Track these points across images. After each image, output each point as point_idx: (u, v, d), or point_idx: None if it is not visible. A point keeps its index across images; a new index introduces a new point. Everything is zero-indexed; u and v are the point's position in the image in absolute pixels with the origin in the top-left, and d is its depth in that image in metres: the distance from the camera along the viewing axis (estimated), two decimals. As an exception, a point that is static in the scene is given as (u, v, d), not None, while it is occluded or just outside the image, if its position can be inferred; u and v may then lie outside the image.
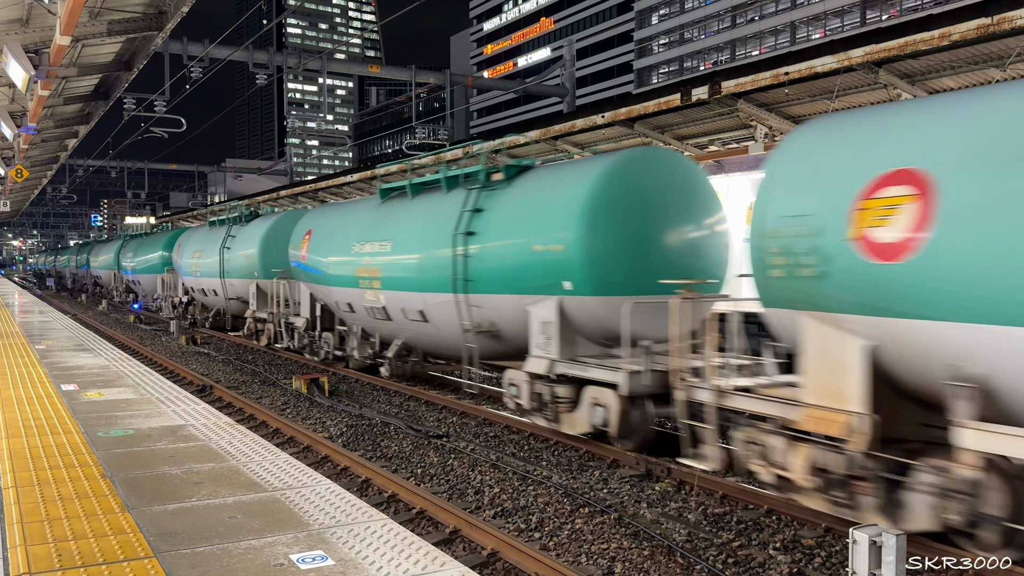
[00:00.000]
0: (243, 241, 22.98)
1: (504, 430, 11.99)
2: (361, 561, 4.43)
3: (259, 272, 21.76)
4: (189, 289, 27.98)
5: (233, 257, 23.23)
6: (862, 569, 5.34)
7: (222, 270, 23.87)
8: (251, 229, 22.95)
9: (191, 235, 28.72)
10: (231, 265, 23.30)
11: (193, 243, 27.28)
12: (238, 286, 23.30)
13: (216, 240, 24.84)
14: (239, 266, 22.93)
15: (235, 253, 23.20)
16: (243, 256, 22.75)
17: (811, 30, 74.09)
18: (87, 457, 6.72)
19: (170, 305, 31.41)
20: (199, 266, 25.92)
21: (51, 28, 14.68)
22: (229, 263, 23.57)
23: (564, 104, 36.89)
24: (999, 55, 10.88)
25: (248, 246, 22.47)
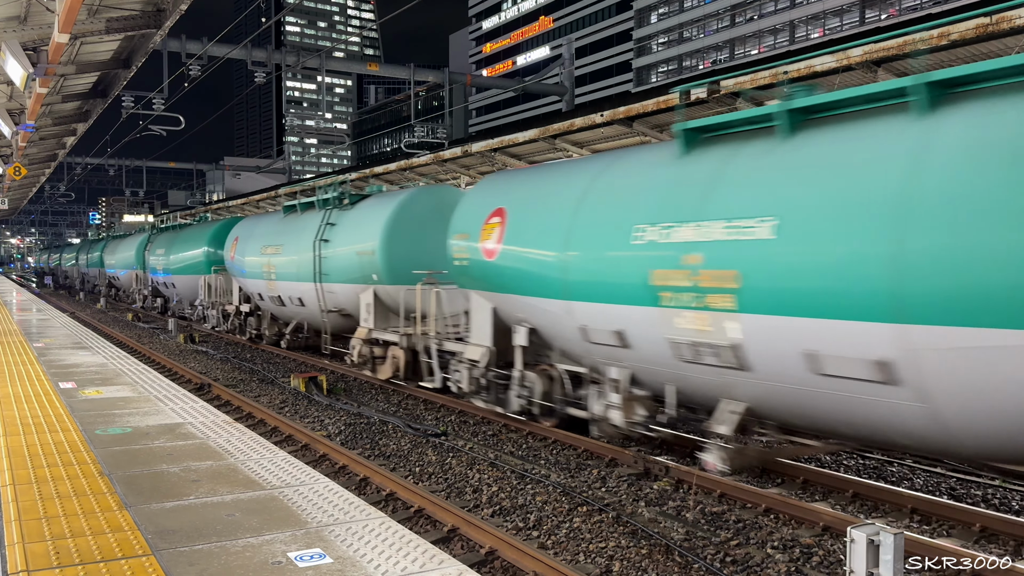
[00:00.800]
0: (352, 231, 16.79)
1: (502, 428, 12.00)
2: (359, 559, 4.43)
3: (381, 275, 15.71)
4: (253, 295, 21.88)
5: (335, 254, 17.16)
6: (860, 568, 5.34)
7: (318, 271, 17.58)
8: (364, 213, 16.77)
9: (253, 225, 22.48)
10: (332, 265, 17.21)
11: (261, 235, 20.99)
12: (341, 294, 17.09)
13: (304, 231, 18.52)
14: (344, 266, 16.76)
15: (337, 249, 17.09)
16: (353, 253, 16.50)
17: (810, 29, 74.11)
18: (85, 455, 6.72)
19: (220, 314, 25.19)
20: (274, 266, 19.58)
21: (49, 26, 14.67)
22: (329, 262, 17.35)
23: (563, 103, 36.88)
24: (998, 54, 10.89)
25: (361, 238, 16.34)
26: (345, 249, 16.61)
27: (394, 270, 15.24)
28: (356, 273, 16.22)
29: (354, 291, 16.36)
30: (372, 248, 15.58)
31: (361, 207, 17.08)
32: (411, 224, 15.54)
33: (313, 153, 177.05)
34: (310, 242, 17.63)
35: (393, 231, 15.44)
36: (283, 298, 19.54)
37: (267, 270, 19.84)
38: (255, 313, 22.81)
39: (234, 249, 22.68)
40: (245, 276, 21.82)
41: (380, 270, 15.44)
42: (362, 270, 15.96)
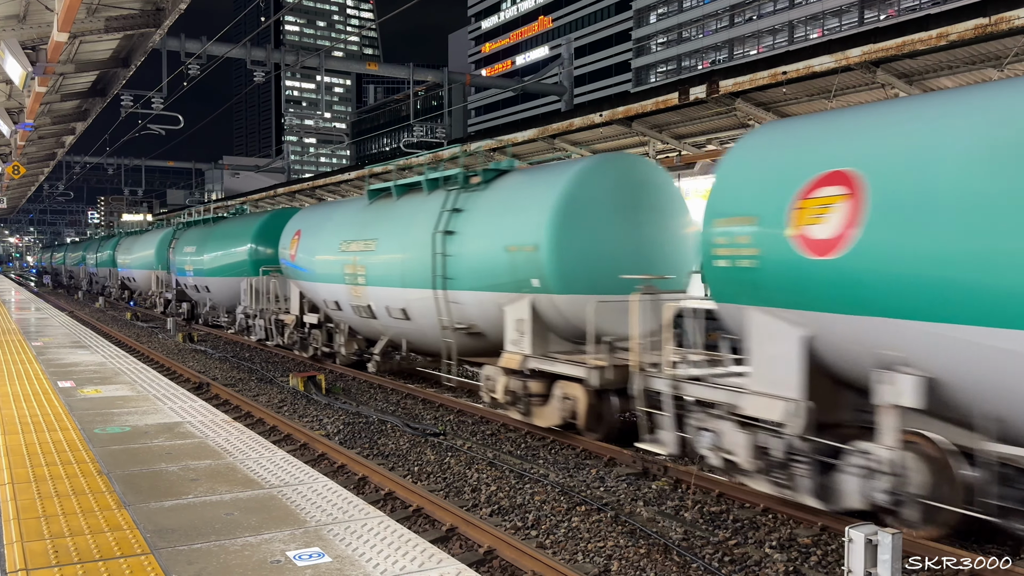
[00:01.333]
0: (494, 219, 12.16)
1: (501, 428, 12.00)
2: (358, 558, 4.43)
3: (547, 279, 10.96)
4: (325, 304, 17.27)
5: (466, 251, 12.37)
6: (858, 568, 5.35)
7: (440, 275, 12.72)
8: (513, 195, 12.18)
9: (324, 216, 17.96)
10: (460, 266, 12.44)
11: (338, 228, 16.56)
12: (473, 305, 12.32)
13: (411, 221, 13.93)
14: (481, 268, 12.11)
15: (470, 244, 12.36)
16: (499, 249, 11.73)
17: (809, 30, 74.14)
18: (84, 454, 6.72)
19: (271, 325, 20.51)
20: (363, 267, 15.03)
21: (48, 24, 14.66)
22: (457, 263, 12.50)
23: (562, 103, 36.85)
24: (997, 55, 10.90)
25: (514, 228, 11.60)
26: (483, 244, 12.05)
27: (569, 274, 10.79)
28: (503, 277, 11.57)
29: (494, 302, 11.78)
30: (534, 242, 10.97)
31: (502, 186, 12.45)
32: (593, 208, 11.02)
33: (312, 152, 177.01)
34: (424, 235, 13.09)
35: (567, 218, 10.85)
36: (374, 308, 14.97)
37: (351, 272, 15.43)
38: (323, 326, 17.98)
39: (295, 246, 18.33)
40: (312, 279, 17.46)
41: (545, 273, 10.84)
42: (513, 273, 11.35)
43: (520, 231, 11.33)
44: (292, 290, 19.33)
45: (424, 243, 13.03)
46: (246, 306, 22.50)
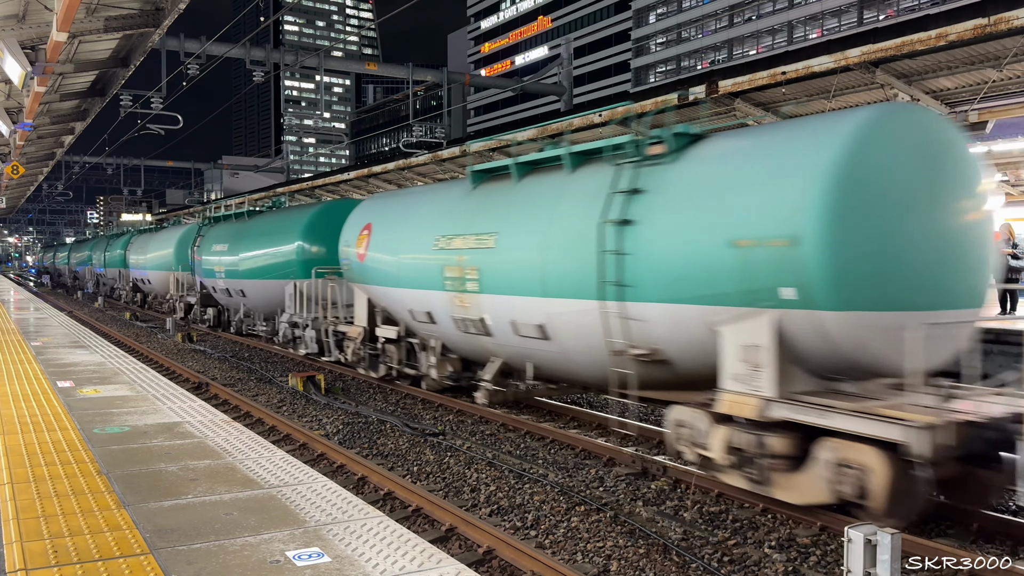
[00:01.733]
0: (703, 200, 8.69)
1: (500, 428, 12.00)
2: (357, 558, 4.43)
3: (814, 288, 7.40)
4: (406, 315, 13.91)
5: (654, 250, 8.96)
6: (857, 568, 5.35)
7: (611, 280, 9.28)
8: (727, 164, 8.81)
9: (407, 204, 14.57)
10: (643, 269, 9.02)
11: (429, 219, 13.27)
12: (661, 323, 8.85)
13: (554, 207, 10.64)
14: (681, 271, 8.65)
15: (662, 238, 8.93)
16: (721, 244, 8.16)
17: (808, 30, 74.15)
18: (83, 454, 6.72)
19: (328, 338, 17.16)
20: (471, 269, 11.71)
21: (48, 24, 14.66)
22: (638, 264, 9.00)
23: (561, 103, 36.84)
24: (996, 55, 10.91)
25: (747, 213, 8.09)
26: (684, 238, 8.54)
27: (855, 280, 7.31)
28: (723, 285, 8.04)
29: (702, 319, 8.27)
30: (789, 233, 7.44)
31: (707, 155, 8.89)
32: (891, 181, 7.54)
33: (311, 152, 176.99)
34: (577, 227, 9.86)
35: (853, 196, 7.38)
36: (489, 323, 11.53)
37: (454, 275, 11.98)
38: (402, 341, 14.50)
39: (364, 243, 14.71)
40: (390, 284, 13.90)
41: (811, 279, 7.32)
42: (744, 279, 7.82)
43: (759, 217, 7.81)
44: (358, 297, 15.72)
45: (577, 238, 9.83)
46: (292, 314, 18.74)
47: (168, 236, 32.21)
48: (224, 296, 24.49)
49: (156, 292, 34.54)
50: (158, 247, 32.86)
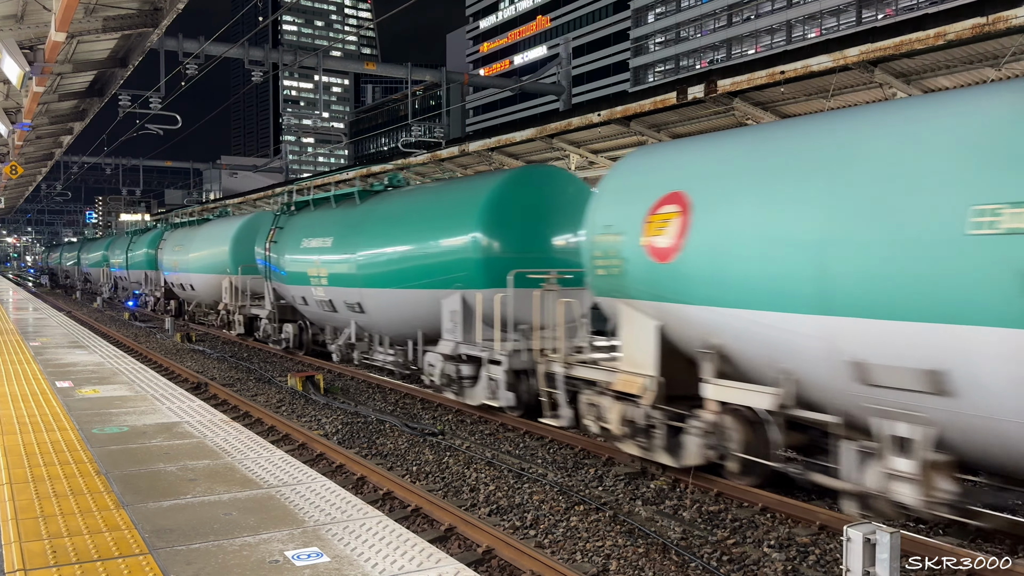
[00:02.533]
0: None
1: (500, 427, 12.00)
2: (356, 558, 4.43)
3: None
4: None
5: None
6: (856, 567, 5.35)
7: None
8: None
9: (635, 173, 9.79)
10: None
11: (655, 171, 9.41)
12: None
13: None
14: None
15: None
16: None
17: (807, 29, 74.17)
18: (82, 454, 6.71)
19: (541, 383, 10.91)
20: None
21: (46, 24, 14.64)
22: None
23: (560, 102, 36.83)
24: (994, 55, 10.91)
25: None
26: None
27: None
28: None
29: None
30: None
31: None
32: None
33: (310, 152, 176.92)
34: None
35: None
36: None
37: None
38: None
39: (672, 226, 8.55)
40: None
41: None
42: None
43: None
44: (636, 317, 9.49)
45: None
46: (456, 340, 12.84)
47: (220, 230, 25.82)
48: (320, 310, 17.78)
49: (201, 300, 28.46)
50: (207, 243, 26.05)
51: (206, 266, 26.05)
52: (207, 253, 26.06)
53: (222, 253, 24.83)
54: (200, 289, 27.23)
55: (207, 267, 25.95)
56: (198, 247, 27.13)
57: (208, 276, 25.85)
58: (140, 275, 36.04)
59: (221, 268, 24.83)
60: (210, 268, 25.66)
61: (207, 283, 26.18)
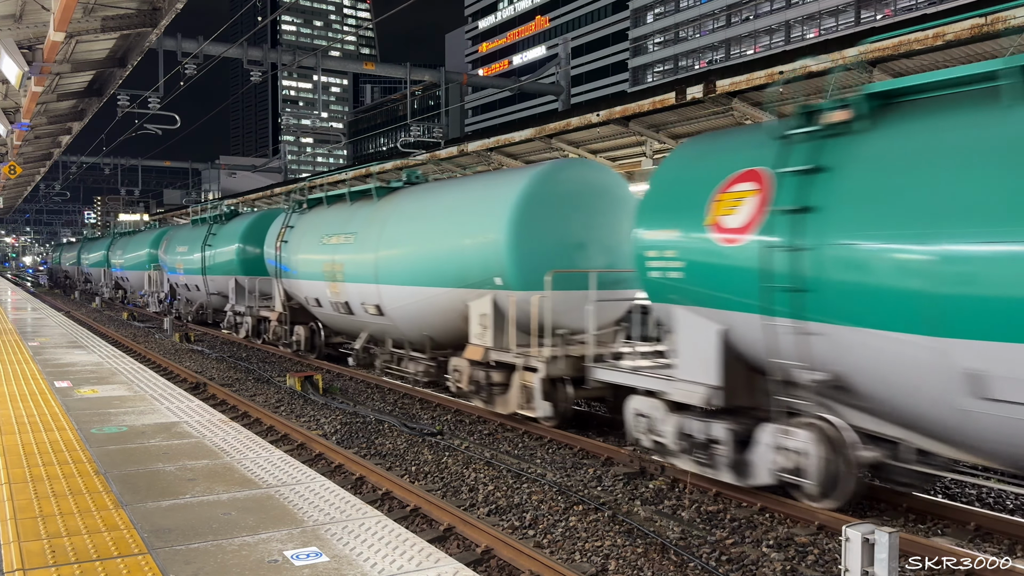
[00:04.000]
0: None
1: (499, 427, 12.00)
2: (356, 558, 4.43)
3: None
4: None
5: None
6: (855, 567, 5.35)
7: None
8: None
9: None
10: None
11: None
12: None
13: None
14: None
15: None
16: None
17: (806, 29, 74.22)
18: (81, 454, 6.71)
19: None
20: None
21: (45, 24, 14.64)
22: None
23: (559, 102, 36.83)
24: (993, 55, 10.92)
25: None
26: None
27: None
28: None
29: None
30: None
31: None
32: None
33: (309, 152, 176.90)
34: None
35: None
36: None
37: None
38: None
39: None
40: None
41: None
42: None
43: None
44: None
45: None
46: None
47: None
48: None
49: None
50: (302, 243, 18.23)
51: (308, 272, 19.40)
52: (308, 258, 20.66)
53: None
54: (306, 288, 22.20)
55: (309, 273, 19.17)
56: (307, 243, 21.00)
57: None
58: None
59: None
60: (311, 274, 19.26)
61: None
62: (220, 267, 24.09)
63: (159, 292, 31.23)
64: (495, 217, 11.75)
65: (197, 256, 25.65)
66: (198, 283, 26.15)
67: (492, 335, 11.76)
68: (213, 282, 24.88)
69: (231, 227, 24.25)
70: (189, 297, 28.34)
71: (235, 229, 23.81)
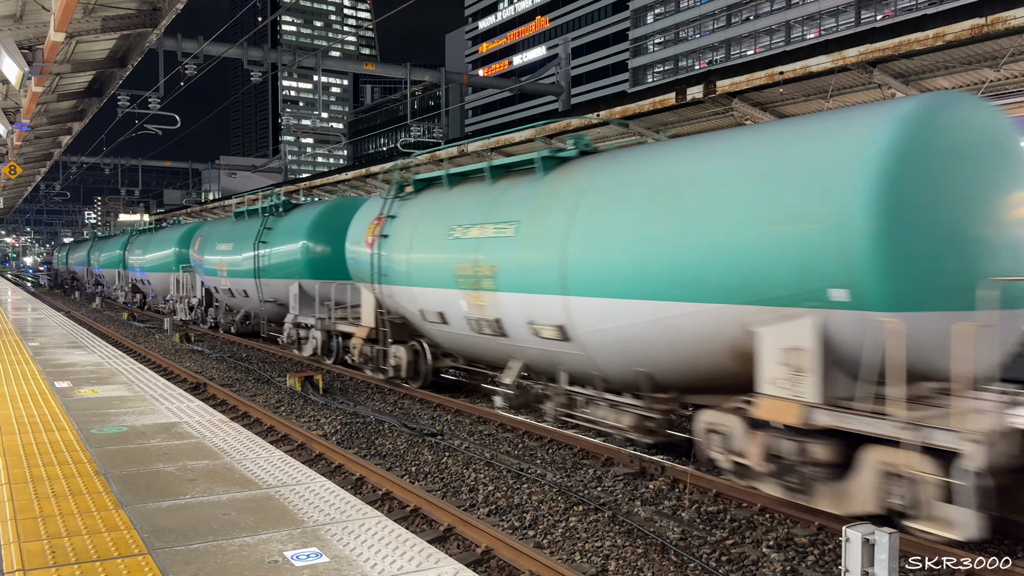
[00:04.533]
0: None
1: (498, 428, 12.00)
2: (356, 558, 4.43)
3: None
4: None
5: None
6: (855, 567, 5.35)
7: None
8: None
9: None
10: None
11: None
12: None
13: None
14: None
15: None
16: None
17: (806, 30, 74.22)
18: (81, 454, 6.71)
19: None
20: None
21: (45, 24, 14.65)
22: None
23: (559, 103, 36.86)
24: (993, 55, 10.93)
25: None
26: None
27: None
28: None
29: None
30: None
31: None
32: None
33: (309, 152, 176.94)
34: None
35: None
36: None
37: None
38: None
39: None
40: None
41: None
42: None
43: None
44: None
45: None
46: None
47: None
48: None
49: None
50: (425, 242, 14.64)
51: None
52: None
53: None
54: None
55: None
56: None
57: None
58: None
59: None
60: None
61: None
62: (277, 269, 20.16)
63: (189, 298, 27.65)
64: (838, 188, 7.25)
65: (246, 256, 21.63)
66: (247, 288, 22.00)
67: (816, 383, 7.23)
68: (268, 287, 20.76)
69: (292, 220, 20.32)
70: (232, 304, 24.42)
71: (298, 222, 19.81)
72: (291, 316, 19.28)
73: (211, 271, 24.44)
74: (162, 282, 31.14)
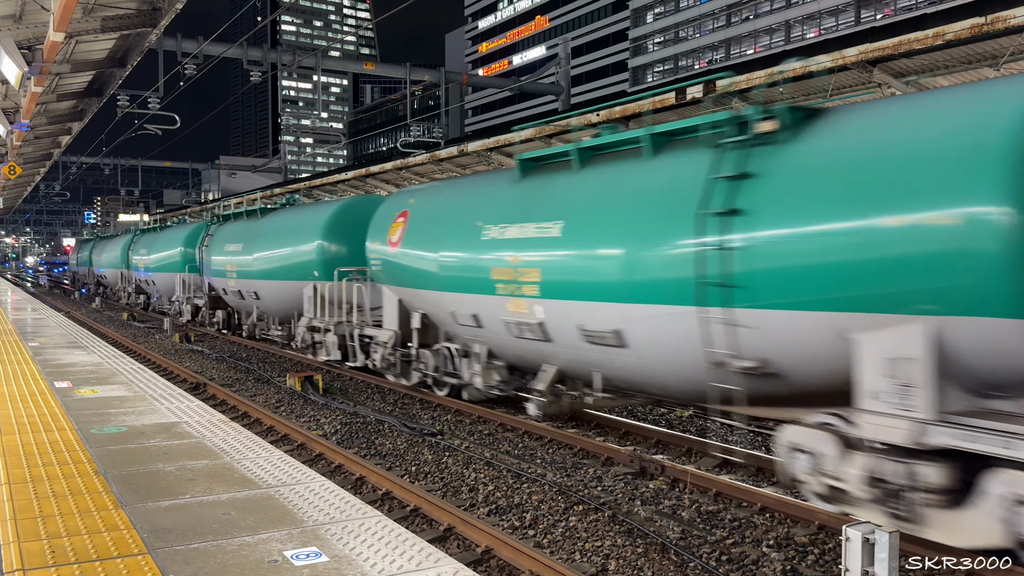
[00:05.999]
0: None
1: (498, 428, 11.99)
2: (355, 558, 4.42)
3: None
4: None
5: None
6: (855, 566, 5.35)
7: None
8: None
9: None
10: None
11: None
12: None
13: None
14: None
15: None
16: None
17: (806, 29, 74.22)
18: (80, 454, 6.71)
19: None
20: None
21: (44, 24, 14.65)
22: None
23: (559, 102, 36.86)
24: (993, 54, 10.93)
25: None
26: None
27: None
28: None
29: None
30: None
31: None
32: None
33: (309, 152, 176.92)
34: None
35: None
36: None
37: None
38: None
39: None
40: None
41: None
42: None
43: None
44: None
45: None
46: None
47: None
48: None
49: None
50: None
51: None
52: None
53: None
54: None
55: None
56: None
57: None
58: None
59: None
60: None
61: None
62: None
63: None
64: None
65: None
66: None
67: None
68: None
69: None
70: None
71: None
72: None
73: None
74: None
